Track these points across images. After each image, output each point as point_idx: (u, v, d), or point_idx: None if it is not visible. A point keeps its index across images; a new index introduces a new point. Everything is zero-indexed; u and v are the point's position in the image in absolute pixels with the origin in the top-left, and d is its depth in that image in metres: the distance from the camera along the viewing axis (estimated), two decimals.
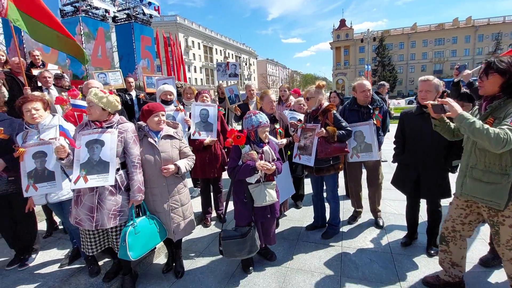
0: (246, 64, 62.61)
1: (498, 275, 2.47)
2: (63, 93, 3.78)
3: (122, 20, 18.02)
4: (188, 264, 2.88)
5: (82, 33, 15.26)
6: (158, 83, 4.60)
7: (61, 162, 2.25)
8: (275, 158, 2.68)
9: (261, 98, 3.46)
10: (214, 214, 3.97)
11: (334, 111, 3.17)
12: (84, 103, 2.94)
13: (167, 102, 3.50)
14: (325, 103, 3.23)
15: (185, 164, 2.54)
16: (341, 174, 4.52)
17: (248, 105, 4.78)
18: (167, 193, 2.51)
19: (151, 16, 19.31)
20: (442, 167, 2.73)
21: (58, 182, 2.45)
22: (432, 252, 2.85)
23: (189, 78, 45.23)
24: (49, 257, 2.97)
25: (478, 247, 2.91)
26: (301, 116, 3.75)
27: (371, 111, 3.20)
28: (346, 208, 4.00)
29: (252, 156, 2.49)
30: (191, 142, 3.42)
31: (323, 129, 3.02)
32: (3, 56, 4.80)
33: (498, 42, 47.49)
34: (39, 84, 4.74)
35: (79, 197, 2.26)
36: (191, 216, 2.69)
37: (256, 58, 79.63)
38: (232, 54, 65.37)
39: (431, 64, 55.97)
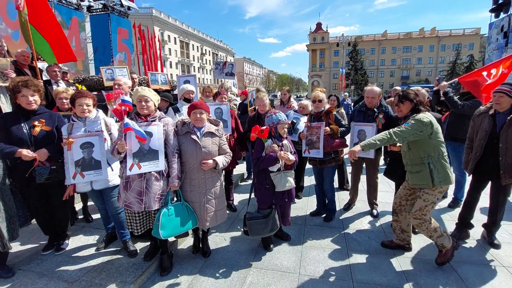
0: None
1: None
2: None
3: (98, 10, 17.37)
4: (214, 245, 3.25)
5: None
6: (179, 80, 4.84)
7: (120, 156, 2.50)
8: (293, 151, 3.13)
9: (256, 98, 3.96)
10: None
11: (335, 112, 3.72)
12: (129, 99, 3.19)
13: (189, 101, 3.80)
14: (326, 106, 3.76)
15: (223, 160, 2.79)
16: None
17: (255, 107, 5.19)
18: (204, 185, 2.76)
19: (129, 8, 18.80)
20: None
21: (104, 170, 2.71)
22: (417, 230, 3.47)
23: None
24: (80, 243, 3.17)
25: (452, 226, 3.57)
26: (304, 117, 4.26)
27: (376, 114, 3.64)
28: (341, 198, 4.56)
29: (273, 148, 2.95)
30: None
31: (327, 127, 3.54)
32: (4, 46, 4.73)
33: (458, 52, 51.87)
34: (45, 77, 4.79)
35: (128, 183, 2.54)
36: (223, 208, 2.98)
37: (233, 56, 79.58)
38: (209, 51, 64.81)
39: (399, 70, 59.75)
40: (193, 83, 4.56)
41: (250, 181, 5.52)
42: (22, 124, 2.67)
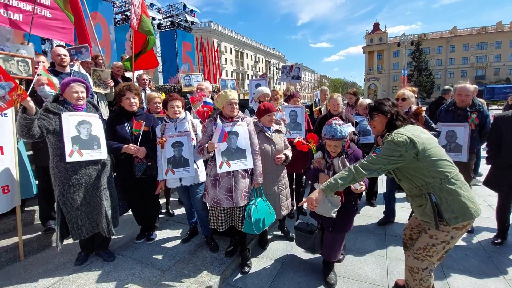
0: (277, 68, 63.05)
1: None
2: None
3: (166, 27, 19.24)
4: (289, 248, 3.20)
5: (131, 39, 16.57)
6: (251, 84, 5.04)
7: (209, 155, 2.66)
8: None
9: (330, 98, 3.89)
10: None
11: (424, 114, 3.38)
12: (211, 100, 3.40)
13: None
14: (414, 107, 3.44)
15: (289, 154, 3.00)
16: None
17: (321, 108, 5.08)
18: (277, 177, 2.97)
19: (192, 23, 20.39)
20: None
21: (192, 168, 2.89)
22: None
23: None
24: (167, 235, 3.42)
25: None
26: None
27: (468, 113, 3.29)
28: None
29: (319, 164, 2.54)
30: None
31: None
32: (101, 60, 5.48)
33: None
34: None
35: (217, 180, 2.65)
36: (289, 198, 3.14)
37: (286, 63, 79.92)
38: (262, 59, 66.21)
39: (472, 69, 52.96)
40: (265, 85, 4.65)
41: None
42: (125, 124, 3.01)
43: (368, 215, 4.04)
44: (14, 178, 2.88)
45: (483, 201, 4.35)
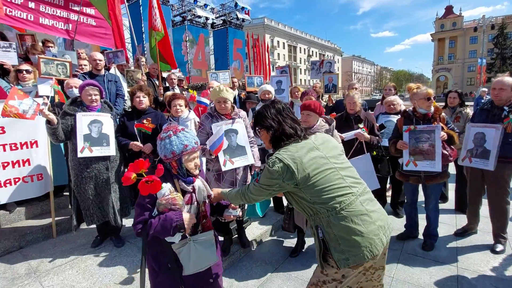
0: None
1: None
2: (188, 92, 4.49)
3: (219, 26, 20.00)
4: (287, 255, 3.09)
5: (187, 39, 17.70)
6: (272, 80, 4.92)
7: (211, 157, 2.74)
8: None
9: (346, 96, 3.58)
10: None
11: (444, 114, 3.02)
12: (206, 100, 3.46)
13: (265, 101, 3.79)
14: (432, 107, 3.01)
15: None
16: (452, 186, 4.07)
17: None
18: None
19: (243, 20, 20.79)
20: None
21: None
22: None
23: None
24: None
25: None
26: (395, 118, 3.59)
27: (505, 113, 2.75)
28: (459, 224, 3.56)
29: (174, 202, 1.57)
30: None
31: (443, 132, 2.80)
32: (143, 62, 6.01)
33: None
34: (167, 84, 5.75)
35: (220, 175, 2.74)
36: None
37: (341, 55, 76.10)
38: (316, 52, 64.23)
39: None
40: (285, 84, 4.48)
41: None
42: (135, 122, 3.24)
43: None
44: (47, 167, 3.35)
45: None
